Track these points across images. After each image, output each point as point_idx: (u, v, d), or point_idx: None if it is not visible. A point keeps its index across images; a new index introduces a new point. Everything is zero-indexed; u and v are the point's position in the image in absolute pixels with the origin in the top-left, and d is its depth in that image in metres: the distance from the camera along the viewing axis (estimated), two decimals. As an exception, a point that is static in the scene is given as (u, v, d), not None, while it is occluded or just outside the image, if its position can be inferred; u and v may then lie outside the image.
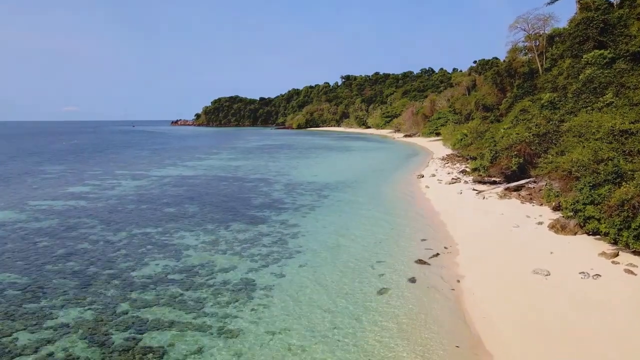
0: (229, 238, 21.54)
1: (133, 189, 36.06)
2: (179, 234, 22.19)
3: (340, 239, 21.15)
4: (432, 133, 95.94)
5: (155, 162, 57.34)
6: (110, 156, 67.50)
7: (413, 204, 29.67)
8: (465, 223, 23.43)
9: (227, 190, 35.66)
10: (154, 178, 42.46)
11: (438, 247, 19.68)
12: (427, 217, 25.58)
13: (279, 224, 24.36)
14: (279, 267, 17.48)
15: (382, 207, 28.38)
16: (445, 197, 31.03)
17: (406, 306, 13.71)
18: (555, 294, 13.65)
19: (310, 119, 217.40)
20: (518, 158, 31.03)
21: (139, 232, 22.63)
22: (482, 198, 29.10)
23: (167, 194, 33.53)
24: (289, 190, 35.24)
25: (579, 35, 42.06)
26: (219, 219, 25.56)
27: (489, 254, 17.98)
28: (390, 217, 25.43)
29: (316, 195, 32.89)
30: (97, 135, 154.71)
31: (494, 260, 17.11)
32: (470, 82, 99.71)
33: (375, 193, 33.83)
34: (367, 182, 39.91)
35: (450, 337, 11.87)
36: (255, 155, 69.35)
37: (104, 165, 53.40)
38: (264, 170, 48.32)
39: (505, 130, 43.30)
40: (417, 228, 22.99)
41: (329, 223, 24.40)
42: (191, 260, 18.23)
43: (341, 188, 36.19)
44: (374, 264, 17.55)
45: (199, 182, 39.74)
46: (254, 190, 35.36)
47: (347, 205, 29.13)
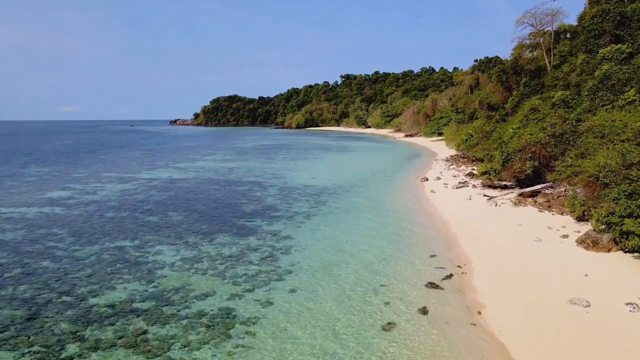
0: (213, 253, 18.98)
1: (116, 194, 33.50)
2: (157, 249, 19.64)
3: (338, 256, 18.60)
4: (434, 133, 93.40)
5: (146, 164, 54.78)
6: (101, 157, 64.94)
7: (418, 211, 27.12)
8: (478, 235, 20.89)
9: (217, 195, 33.10)
10: (142, 181, 39.91)
11: (450, 265, 17.13)
12: (435, 227, 23.03)
13: (270, 235, 21.80)
14: (266, 292, 14.92)
15: (385, 216, 25.83)
16: (453, 203, 28.50)
17: (418, 348, 11.17)
18: (602, 334, 11.11)
19: (310, 118, 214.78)
20: (533, 161, 28.50)
21: (111, 246, 20.07)
22: (494, 205, 26.56)
23: (151, 200, 30.98)
24: (283, 196, 32.68)
25: (594, 28, 39.48)
26: (204, 229, 23.00)
27: (510, 276, 15.43)
28: (394, 228, 22.88)
29: (313, 201, 30.34)
30: (93, 135, 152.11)
31: (518, 284, 14.55)
32: (473, 81, 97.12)
33: (376, 199, 31.27)
34: (368, 186, 37.35)
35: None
36: (251, 156, 66.80)
37: (91, 167, 50.85)
38: (259, 173, 45.77)
39: (515, 130, 40.81)
40: (424, 241, 20.44)
41: (326, 235, 21.85)
42: (165, 283, 15.68)
43: (340, 193, 33.64)
44: (377, 288, 15.01)
45: (188, 186, 37.18)
46: (246, 195, 32.81)
47: (346, 214, 26.58)
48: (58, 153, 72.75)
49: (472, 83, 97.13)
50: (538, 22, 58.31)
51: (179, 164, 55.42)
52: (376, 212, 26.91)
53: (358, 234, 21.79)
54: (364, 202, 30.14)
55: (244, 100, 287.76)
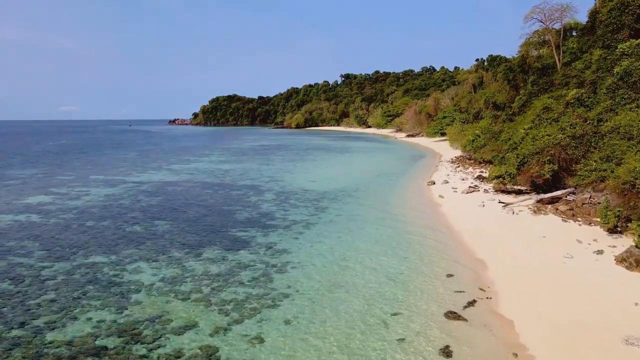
0: (198, 272, 16.65)
1: (101, 199, 31.15)
2: (135, 266, 17.30)
3: (341, 275, 16.27)
4: (437, 133, 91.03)
5: (138, 166, 52.42)
6: (92, 158, 62.57)
7: (427, 220, 24.78)
8: (497, 249, 18.56)
9: (209, 200, 30.76)
10: (130, 185, 37.56)
11: (471, 288, 14.81)
12: (448, 239, 20.70)
13: (265, 249, 19.46)
14: (257, 323, 12.60)
15: (391, 225, 23.50)
16: (465, 210, 26.17)
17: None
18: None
19: (310, 118, 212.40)
20: (552, 164, 26.18)
21: (85, 262, 17.74)
22: (510, 212, 24.24)
23: (138, 206, 28.64)
24: (281, 201, 30.35)
25: (611, 22, 37.16)
26: (191, 241, 20.67)
27: (545, 303, 13.11)
28: (402, 240, 20.55)
29: (312, 208, 28.01)
30: (90, 135, 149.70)
31: (557, 316, 12.24)
32: (476, 80, 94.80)
33: (381, 205, 28.94)
34: (371, 190, 35.02)
35: None
36: (249, 157, 64.44)
37: (80, 169, 48.49)
38: (256, 175, 43.43)
39: (526, 130, 38.56)
40: (438, 257, 18.11)
41: (327, 248, 19.51)
42: (139, 312, 13.34)
43: (341, 198, 31.31)
44: (388, 319, 12.69)
45: (180, 190, 34.84)
46: (240, 201, 30.47)
47: (348, 223, 24.24)
48: (48, 154, 70.37)
49: (476, 82, 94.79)
50: (547, 17, 56.00)
51: (173, 165, 53.06)
52: (381, 221, 24.58)
53: (363, 248, 19.45)
54: (367, 209, 27.82)
55: (243, 99, 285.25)
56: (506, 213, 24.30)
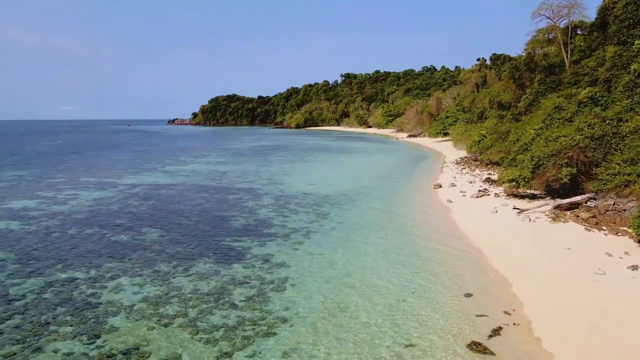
0: (186, 290, 14.88)
1: (89, 203, 29.38)
2: (116, 283, 15.53)
3: (345, 294, 14.49)
4: (439, 133, 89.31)
5: (132, 167, 50.63)
6: (86, 159, 60.76)
7: (437, 227, 23.01)
8: (518, 262, 16.80)
9: (203, 205, 28.99)
10: (122, 188, 35.77)
11: (495, 311, 13.03)
12: (461, 250, 18.93)
13: (261, 262, 17.68)
14: (249, 357, 10.83)
15: (398, 234, 21.72)
16: (477, 216, 24.40)
17: None
18: None
19: (310, 118, 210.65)
20: (570, 167, 24.41)
21: (61, 277, 15.97)
22: (527, 220, 22.46)
23: (127, 212, 26.87)
24: (279, 206, 28.58)
25: (627, 17, 35.43)
26: (181, 252, 18.90)
27: (585, 331, 11.34)
28: (411, 252, 18.78)
29: (313, 214, 26.23)
30: (87, 135, 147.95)
31: (605, 351, 10.45)
32: (480, 79, 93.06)
33: (386, 211, 27.18)
34: (374, 194, 33.25)
35: None
36: (247, 158, 62.65)
37: (71, 171, 46.69)
38: (254, 178, 41.64)
39: (537, 131, 36.84)
40: (452, 272, 16.34)
41: (329, 262, 17.73)
42: (113, 341, 11.57)
43: (343, 203, 29.54)
44: (401, 352, 10.92)
45: (173, 194, 33.06)
46: (236, 206, 28.69)
47: (352, 231, 22.47)
48: (42, 154, 68.55)
49: (479, 81, 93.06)
50: (555, 14, 54.26)
51: (168, 167, 51.27)
52: (387, 228, 22.80)
53: (369, 262, 17.68)
54: (372, 215, 26.04)
55: (242, 99, 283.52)
56: (522, 220, 22.52)
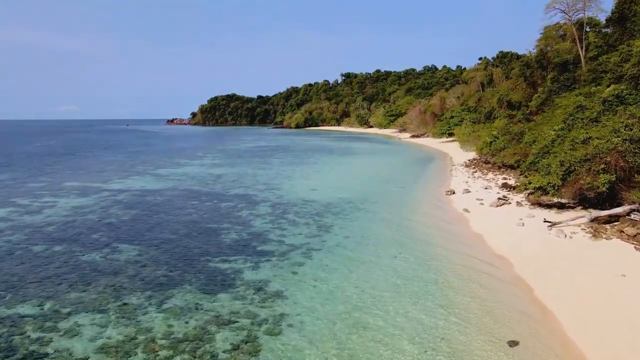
0: (158, 333, 11.91)
1: (65, 213, 26.40)
2: (73, 323, 12.55)
3: (357, 338, 11.52)
4: (444, 134, 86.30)
5: (122, 170, 47.63)
6: (75, 161, 57.73)
7: (458, 244, 20.02)
8: (567, 294, 13.82)
9: (192, 215, 26.01)
10: (106, 194, 32.80)
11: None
12: (493, 276, 15.93)
13: (253, 292, 14.71)
14: None
15: (414, 253, 18.74)
16: (502, 231, 21.43)
17: None
18: None
19: (310, 117, 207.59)
20: (608, 174, 21.44)
21: (5, 314, 12.99)
22: (562, 235, 19.48)
23: (106, 223, 23.89)
24: (277, 216, 25.60)
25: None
26: (158, 277, 15.93)
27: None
28: (432, 277, 15.80)
29: (314, 226, 23.25)
30: (84, 135, 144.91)
31: None
32: (485, 77, 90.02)
33: (396, 222, 24.18)
34: (382, 201, 30.27)
35: None
36: (245, 160, 59.64)
37: (56, 174, 43.72)
38: (250, 182, 38.65)
39: (558, 132, 33.94)
40: (488, 305, 13.35)
41: (335, 290, 14.76)
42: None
43: (348, 212, 26.57)
44: None
45: (161, 201, 30.07)
46: (229, 216, 25.71)
47: (360, 248, 19.49)
48: (31, 156, 65.54)
49: (485, 80, 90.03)
50: (570, 7, 51.31)
51: (160, 169, 48.27)
52: (401, 245, 19.82)
53: (383, 289, 14.70)
54: (381, 227, 23.06)
55: (242, 99, 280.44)
56: (556, 236, 19.54)
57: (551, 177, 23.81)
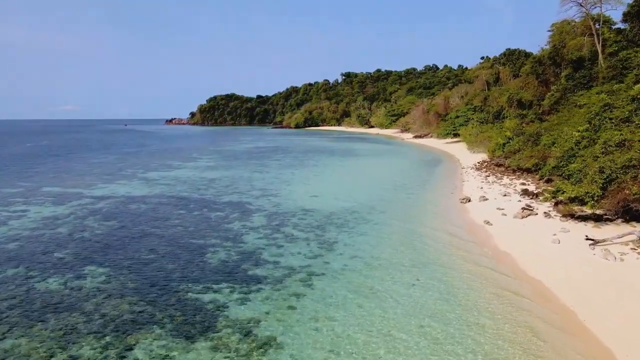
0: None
1: (33, 225, 23.31)
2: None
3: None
4: (449, 134, 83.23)
5: (108, 173, 44.52)
6: (61, 163, 54.56)
7: (485, 268, 16.91)
8: (634, 338, 10.73)
9: (177, 228, 22.91)
10: (85, 201, 29.70)
11: None
12: (540, 316, 12.81)
13: (239, 337, 11.62)
14: None
15: (434, 278, 15.65)
16: (534, 249, 18.34)
17: None
18: None
19: (309, 117, 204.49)
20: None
21: None
22: (610, 257, 16.38)
23: (76, 239, 20.80)
24: (272, 229, 22.50)
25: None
26: (123, 314, 12.84)
27: None
28: (464, 314, 12.71)
29: (315, 242, 20.16)
30: (79, 135, 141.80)
31: None
32: (492, 76, 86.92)
33: (408, 238, 21.08)
34: (390, 211, 27.17)
35: None
36: (241, 162, 56.52)
37: (37, 178, 40.60)
38: (245, 188, 35.54)
39: (583, 133, 30.95)
40: (536, 355, 10.27)
41: (342, 333, 11.66)
42: None
43: (353, 224, 23.48)
44: None
45: (143, 211, 26.97)
46: (218, 229, 22.62)
47: (370, 272, 16.38)
48: (16, 157, 62.40)
49: (491, 78, 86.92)
50: (586, 0, 48.25)
51: (150, 172, 45.17)
52: (418, 267, 16.73)
53: (405, 332, 11.60)
54: (392, 244, 19.97)
55: (241, 98, 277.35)
56: (604, 258, 16.45)
57: (589, 185, 20.71)
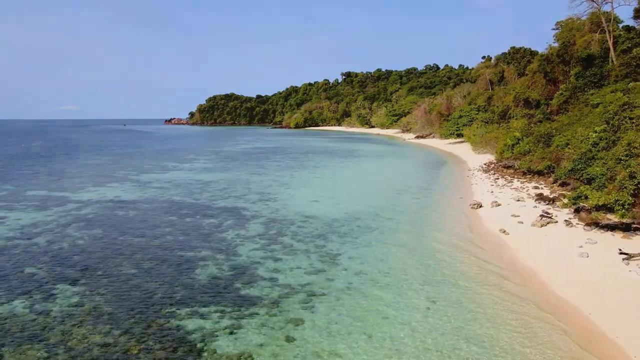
0: None
1: (10, 234, 21.40)
2: None
3: None
4: (452, 134, 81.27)
5: (99, 176, 42.62)
6: (51, 165, 52.60)
7: (508, 285, 15.01)
8: None
9: (166, 237, 21.00)
10: (70, 207, 27.81)
11: None
12: (584, 348, 10.94)
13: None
14: None
15: (450, 299, 13.77)
16: (560, 264, 16.45)
17: None
18: None
19: (309, 117, 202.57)
20: (700, 191, 16.48)
21: None
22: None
23: (53, 250, 18.91)
24: (269, 239, 20.61)
25: None
26: (90, 350, 10.95)
27: None
28: (492, 349, 10.81)
29: (316, 255, 18.26)
30: (76, 135, 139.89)
31: None
32: (496, 75, 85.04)
33: (418, 249, 19.18)
34: (396, 217, 25.27)
35: None
36: (239, 163, 54.62)
37: (23, 181, 38.69)
38: (242, 192, 33.65)
39: (600, 134, 29.14)
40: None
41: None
42: None
43: (357, 234, 21.58)
44: None
45: (131, 218, 25.07)
46: (210, 240, 20.72)
47: (376, 291, 14.48)
48: (5, 159, 60.41)
49: (495, 77, 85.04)
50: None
51: (143, 175, 43.27)
52: (431, 286, 14.83)
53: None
54: (401, 257, 18.06)
55: (241, 98, 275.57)
56: (636, 272, 14.56)
57: (619, 192, 18.82)
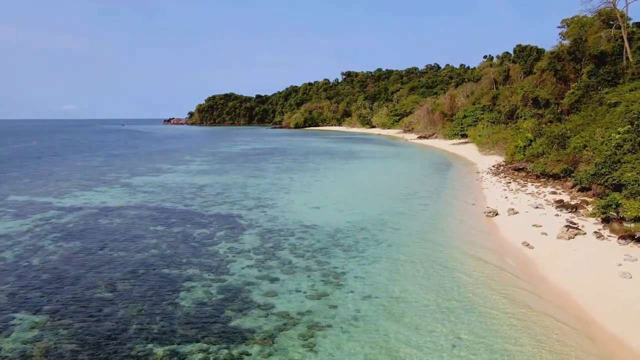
0: None
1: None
2: None
3: None
4: (456, 135, 79.10)
5: (88, 178, 40.41)
6: (41, 167, 50.33)
7: (543, 318, 12.83)
8: None
9: (150, 252, 18.80)
10: (51, 214, 25.62)
11: None
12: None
13: None
14: None
15: (479, 335, 11.59)
16: (598, 286, 14.26)
17: None
18: None
19: (309, 117, 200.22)
20: None
21: None
22: None
23: (20, 268, 16.72)
24: (265, 254, 18.40)
25: None
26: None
27: None
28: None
29: (318, 274, 16.06)
30: (72, 135, 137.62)
31: None
32: (501, 74, 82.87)
33: (433, 268, 16.97)
34: (404, 226, 23.07)
35: None
36: (236, 165, 52.39)
37: (6, 184, 36.47)
38: (237, 197, 31.44)
39: (622, 135, 27.08)
40: None
41: None
42: None
43: (362, 247, 19.38)
44: None
45: (115, 227, 22.86)
46: (199, 255, 18.51)
47: (389, 323, 12.28)
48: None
49: (500, 76, 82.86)
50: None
51: (135, 178, 41.06)
52: (454, 315, 12.64)
53: None
54: (415, 277, 15.86)
55: (240, 98, 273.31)
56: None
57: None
